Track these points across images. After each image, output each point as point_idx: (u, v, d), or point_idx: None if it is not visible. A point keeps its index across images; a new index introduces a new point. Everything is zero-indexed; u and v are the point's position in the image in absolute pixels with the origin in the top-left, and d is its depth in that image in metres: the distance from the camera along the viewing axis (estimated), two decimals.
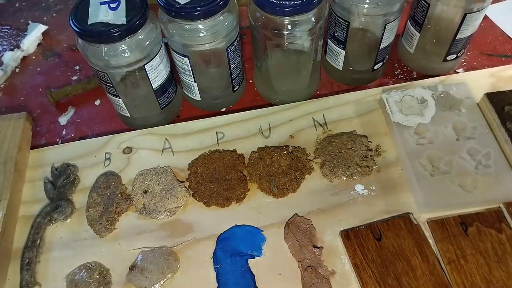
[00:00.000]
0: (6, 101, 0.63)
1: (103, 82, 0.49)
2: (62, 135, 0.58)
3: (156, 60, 0.48)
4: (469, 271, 0.40)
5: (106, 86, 0.49)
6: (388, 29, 0.50)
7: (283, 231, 0.44)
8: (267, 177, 0.48)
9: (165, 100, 0.54)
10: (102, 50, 0.45)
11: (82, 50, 0.47)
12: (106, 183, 0.49)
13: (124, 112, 0.54)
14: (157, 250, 0.44)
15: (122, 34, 0.44)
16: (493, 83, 0.54)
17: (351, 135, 0.50)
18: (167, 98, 0.54)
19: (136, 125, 0.55)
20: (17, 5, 0.76)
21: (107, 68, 0.47)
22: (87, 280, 0.42)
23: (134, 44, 0.45)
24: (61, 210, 0.47)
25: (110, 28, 0.43)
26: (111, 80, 0.48)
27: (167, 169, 0.49)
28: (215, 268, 0.43)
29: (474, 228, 0.42)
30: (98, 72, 0.48)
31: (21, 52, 0.67)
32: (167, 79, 0.52)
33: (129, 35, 0.44)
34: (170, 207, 0.46)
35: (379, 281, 0.40)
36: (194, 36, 0.46)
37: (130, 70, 0.48)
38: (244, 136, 0.52)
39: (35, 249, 0.45)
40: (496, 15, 0.66)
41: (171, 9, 0.44)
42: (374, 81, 0.60)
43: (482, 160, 0.46)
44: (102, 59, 0.45)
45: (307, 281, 0.41)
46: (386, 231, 0.43)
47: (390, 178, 0.47)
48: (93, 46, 0.45)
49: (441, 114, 0.49)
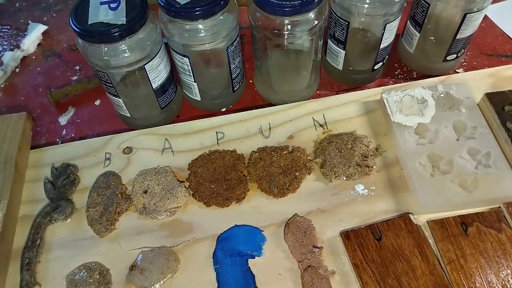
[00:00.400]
0: (6, 101, 0.63)
1: (103, 82, 0.49)
2: (62, 135, 0.58)
3: (156, 60, 0.48)
4: (469, 271, 0.40)
5: (106, 86, 0.49)
6: (388, 29, 0.50)
7: (283, 231, 0.44)
8: (267, 177, 0.48)
9: (165, 100, 0.54)
10: (102, 50, 0.45)
11: (82, 50, 0.47)
12: (106, 183, 0.49)
13: (124, 112, 0.54)
14: (157, 250, 0.44)
15: (122, 34, 0.44)
16: (493, 83, 0.54)
17: (351, 135, 0.50)
18: (167, 98, 0.54)
19: (136, 125, 0.55)
20: (17, 5, 0.76)
21: (107, 68, 0.47)
22: (87, 280, 0.42)
23: (134, 44, 0.45)
24: (61, 210, 0.47)
25: (110, 28, 0.43)
26: (111, 80, 0.48)
27: (167, 169, 0.49)
28: (215, 268, 0.43)
29: (474, 228, 0.42)
30: (98, 72, 0.48)
31: (21, 52, 0.67)
32: (167, 79, 0.52)
33: (129, 35, 0.44)
34: (170, 207, 0.46)
35: (379, 281, 0.40)
36: (194, 36, 0.46)
37: (130, 70, 0.48)
38: (244, 136, 0.52)
39: (35, 249, 0.45)
40: (496, 15, 0.66)
41: (171, 9, 0.44)
42: (374, 81, 0.60)
43: (482, 160, 0.46)
44: (102, 59, 0.45)
45: (307, 281, 0.41)
46: (386, 231, 0.43)
47: (390, 178, 0.47)
48: (93, 46, 0.45)
49: (441, 114, 0.49)
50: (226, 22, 0.47)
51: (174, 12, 0.44)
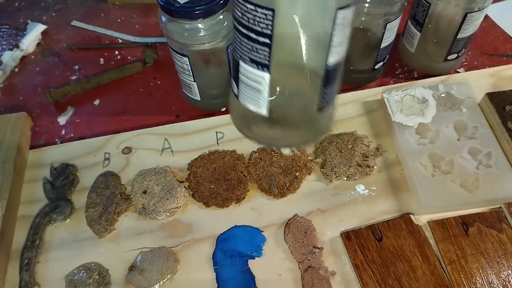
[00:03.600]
0: (5, 101, 0.62)
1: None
2: (61, 135, 0.58)
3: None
4: (470, 271, 0.40)
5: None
6: (389, 28, 0.50)
7: (283, 231, 0.44)
8: (267, 177, 0.47)
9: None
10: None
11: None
12: (105, 183, 0.48)
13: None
14: (156, 250, 0.44)
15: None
16: (494, 82, 0.54)
17: (352, 135, 0.50)
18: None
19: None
20: (16, 4, 0.76)
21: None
22: (86, 281, 0.42)
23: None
24: (60, 210, 0.46)
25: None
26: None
27: (166, 169, 0.49)
28: (215, 269, 0.42)
29: (475, 228, 0.42)
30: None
31: (20, 52, 0.67)
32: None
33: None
34: (169, 208, 0.46)
35: (380, 281, 0.40)
36: (194, 36, 0.46)
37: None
38: (244, 136, 0.52)
39: (34, 250, 0.44)
40: (497, 15, 0.66)
41: (171, 8, 0.44)
42: (375, 80, 0.59)
43: (483, 160, 0.46)
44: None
45: (307, 281, 0.41)
46: (386, 231, 0.43)
47: (391, 178, 0.47)
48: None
49: (442, 114, 0.49)
50: (225, 21, 0.47)
51: (173, 11, 0.44)
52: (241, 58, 0.32)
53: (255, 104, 0.34)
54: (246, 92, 0.34)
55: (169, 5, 0.44)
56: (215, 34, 0.47)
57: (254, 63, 0.31)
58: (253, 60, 0.31)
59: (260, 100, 0.33)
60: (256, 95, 0.33)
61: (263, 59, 0.31)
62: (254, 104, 0.34)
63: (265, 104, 0.33)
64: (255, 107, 0.34)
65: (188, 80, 0.53)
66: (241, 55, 0.32)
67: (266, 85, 0.32)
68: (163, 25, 0.48)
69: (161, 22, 0.48)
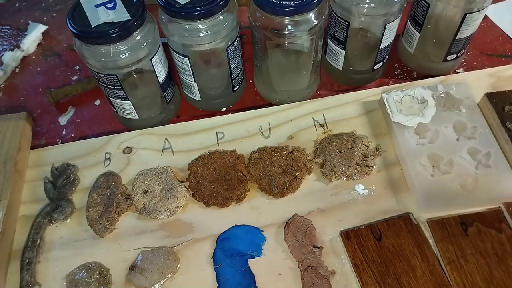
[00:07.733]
0: (6, 101, 0.63)
1: (109, 86, 0.49)
2: (62, 135, 0.58)
3: (160, 53, 0.49)
4: (469, 271, 0.40)
5: (114, 90, 0.49)
6: (388, 29, 0.50)
7: (283, 231, 0.44)
8: (267, 177, 0.48)
9: (169, 94, 0.54)
10: (111, 50, 0.44)
11: (87, 57, 0.46)
12: (106, 183, 0.49)
13: (130, 114, 0.53)
14: (157, 250, 0.44)
15: (138, 24, 0.44)
16: (493, 83, 0.54)
17: (351, 135, 0.50)
18: (171, 93, 0.55)
19: (138, 126, 0.55)
20: (17, 5, 0.76)
21: (116, 69, 0.46)
22: (87, 280, 0.42)
23: (143, 37, 0.46)
24: (61, 210, 0.47)
25: (120, 24, 0.43)
26: (119, 82, 0.48)
27: (167, 169, 0.49)
28: (215, 268, 0.43)
29: (474, 228, 0.42)
30: (105, 76, 0.47)
31: (21, 52, 0.67)
32: (168, 73, 0.53)
33: (140, 27, 0.45)
34: (170, 207, 0.46)
35: (379, 281, 0.40)
36: (194, 36, 0.46)
37: (137, 67, 0.48)
38: (244, 136, 0.52)
39: (35, 249, 0.45)
40: (496, 15, 0.66)
41: (171, 9, 0.44)
42: (374, 81, 0.60)
43: (482, 160, 0.46)
44: (115, 58, 0.45)
45: (307, 281, 0.41)
46: (386, 231, 0.43)
47: (390, 178, 0.47)
48: (101, 48, 0.44)
49: (441, 114, 0.49)
50: (226, 22, 0.47)
51: (174, 12, 0.44)
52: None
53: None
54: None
55: (169, 6, 0.44)
56: (216, 34, 0.47)
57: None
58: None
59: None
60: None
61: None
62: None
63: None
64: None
65: (189, 80, 0.53)
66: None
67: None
68: (163, 26, 0.48)
69: (162, 23, 0.48)
